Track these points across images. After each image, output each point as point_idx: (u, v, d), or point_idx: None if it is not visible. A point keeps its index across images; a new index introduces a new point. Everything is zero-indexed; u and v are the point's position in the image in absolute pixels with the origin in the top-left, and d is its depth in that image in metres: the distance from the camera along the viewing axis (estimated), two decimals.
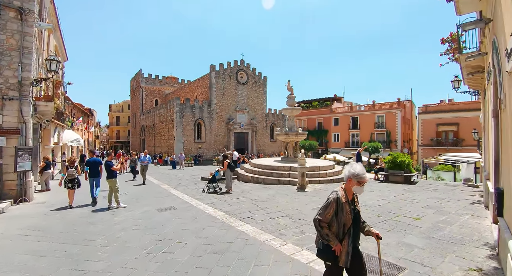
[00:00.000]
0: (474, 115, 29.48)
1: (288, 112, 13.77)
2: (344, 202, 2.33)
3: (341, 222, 2.31)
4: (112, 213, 6.75)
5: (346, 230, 2.32)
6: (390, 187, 10.22)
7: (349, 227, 2.32)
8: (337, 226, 2.32)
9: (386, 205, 7.03)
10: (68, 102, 28.59)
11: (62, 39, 21.52)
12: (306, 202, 7.46)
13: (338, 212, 2.31)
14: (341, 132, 40.78)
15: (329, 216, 2.31)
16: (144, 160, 12.52)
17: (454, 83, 12.76)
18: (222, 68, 32.10)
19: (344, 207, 2.32)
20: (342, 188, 2.45)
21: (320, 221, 2.33)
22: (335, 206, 2.31)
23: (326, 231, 2.31)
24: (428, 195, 8.66)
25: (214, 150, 30.90)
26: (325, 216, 2.31)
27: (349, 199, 2.39)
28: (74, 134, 21.54)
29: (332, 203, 2.32)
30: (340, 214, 2.31)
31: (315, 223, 2.36)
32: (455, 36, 9.54)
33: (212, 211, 6.55)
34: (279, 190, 9.44)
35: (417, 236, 4.71)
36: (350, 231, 2.32)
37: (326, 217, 2.31)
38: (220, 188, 9.49)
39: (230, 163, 9.58)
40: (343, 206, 2.32)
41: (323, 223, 2.32)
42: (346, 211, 2.31)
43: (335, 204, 2.32)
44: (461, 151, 28.66)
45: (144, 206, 7.33)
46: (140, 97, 42.66)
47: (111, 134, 61.62)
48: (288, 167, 11.54)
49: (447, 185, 10.85)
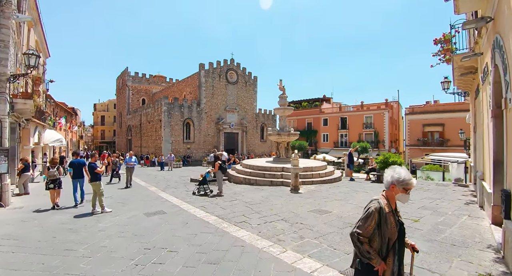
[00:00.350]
0: (459, 116, 30.29)
1: (280, 112, 13.56)
2: (387, 212, 2.01)
3: (385, 236, 1.98)
4: (96, 218, 6.30)
5: (391, 246, 1.99)
6: (383, 187, 10.16)
7: (394, 242, 2.00)
8: (380, 241, 1.99)
9: None
10: (50, 101, 27.38)
11: (44, 34, 20.52)
12: (301, 204, 7.24)
13: (381, 224, 1.98)
14: (330, 133, 41.08)
15: (371, 229, 1.97)
16: (129, 161, 11.50)
17: (444, 84, 12.92)
18: (212, 67, 31.62)
19: (388, 218, 1.99)
20: (384, 196, 2.11)
21: (359, 235, 1.97)
22: (378, 217, 1.97)
23: (367, 248, 1.96)
24: (422, 195, 8.63)
25: (203, 150, 30.37)
26: (366, 229, 1.96)
27: (392, 208, 2.07)
28: (56, 134, 20.58)
29: (374, 214, 1.97)
30: (383, 226, 1.97)
31: (353, 238, 2.00)
32: (448, 36, 9.60)
33: (204, 215, 6.21)
34: (272, 192, 9.19)
35: (420, 239, 4.55)
36: (395, 246, 2.00)
37: (367, 230, 1.96)
38: (211, 190, 9.14)
39: (222, 165, 9.26)
40: (387, 217, 1.99)
41: (363, 238, 1.97)
42: (390, 223, 1.98)
43: (378, 215, 1.97)
44: (447, 151, 29.40)
45: (130, 211, 6.91)
46: (127, 96, 41.50)
47: (96, 134, 59.78)
48: (280, 168, 11.32)
49: (438, 185, 10.92)
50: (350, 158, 12.68)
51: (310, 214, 6.16)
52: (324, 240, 4.46)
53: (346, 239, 4.49)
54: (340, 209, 6.59)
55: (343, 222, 5.48)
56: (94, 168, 6.93)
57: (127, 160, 11.64)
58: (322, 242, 4.35)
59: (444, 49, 10.03)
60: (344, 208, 6.76)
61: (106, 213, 6.73)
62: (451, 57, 10.51)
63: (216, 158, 9.57)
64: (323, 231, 4.92)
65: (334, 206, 6.98)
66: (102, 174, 7.25)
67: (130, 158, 11.64)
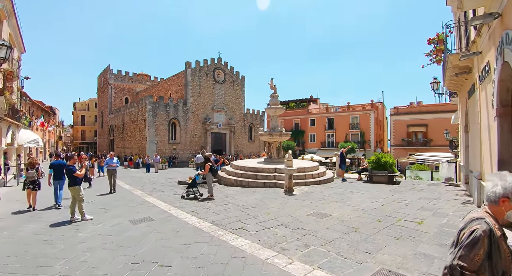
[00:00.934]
0: (442, 116, 31.19)
1: (272, 112, 13.22)
2: (499, 236, 1.50)
3: (498, 269, 1.47)
4: (75, 227, 5.68)
5: None
6: (377, 188, 10.04)
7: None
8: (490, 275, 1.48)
9: (382, 208, 6.68)
10: (26, 99, 25.78)
11: (19, 28, 19.17)
12: (298, 207, 6.91)
13: (492, 253, 1.46)
14: (317, 133, 41.31)
15: (479, 260, 1.45)
16: (111, 162, 10.39)
17: (433, 84, 13.02)
18: (199, 66, 30.90)
19: (501, 245, 1.48)
20: (489, 214, 1.57)
21: (463, 269, 1.45)
22: (488, 244, 1.45)
23: None
24: (417, 195, 8.54)
25: (189, 151, 29.60)
26: (472, 260, 1.45)
27: (503, 230, 1.55)
28: (32, 134, 19.27)
29: (482, 240, 1.45)
30: (495, 256, 1.46)
31: (455, 273, 1.47)
32: (442, 37, 9.60)
33: (197, 221, 5.74)
34: (266, 194, 8.81)
35: (429, 243, 4.31)
36: None
37: (474, 262, 1.45)
38: (201, 194, 8.64)
39: (212, 166, 8.75)
40: (499, 243, 1.48)
41: (469, 274, 1.44)
42: (503, 251, 1.48)
43: (488, 241, 1.45)
44: (430, 150, 30.18)
45: (114, 218, 6.31)
46: (109, 95, 39.91)
47: (75, 135, 57.26)
48: (273, 168, 10.97)
49: (429, 185, 10.93)
50: (342, 158, 12.52)
51: (310, 218, 5.82)
52: (331, 247, 4.12)
53: (354, 246, 4.18)
54: (339, 212, 6.30)
55: (346, 227, 5.17)
56: (73, 171, 6.29)
57: (108, 162, 10.55)
58: (329, 250, 4.01)
59: (437, 49, 10.06)
60: (343, 210, 6.48)
61: (86, 221, 6.11)
62: (442, 57, 10.60)
63: (206, 159, 8.92)
64: (328, 237, 4.59)
65: (333, 208, 6.69)
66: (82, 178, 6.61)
67: (111, 159, 10.52)
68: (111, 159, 10.60)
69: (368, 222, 5.51)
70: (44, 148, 36.16)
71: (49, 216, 6.74)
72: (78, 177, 6.40)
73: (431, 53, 10.34)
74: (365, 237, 4.57)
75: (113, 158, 10.64)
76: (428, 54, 10.33)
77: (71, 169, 6.32)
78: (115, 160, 10.62)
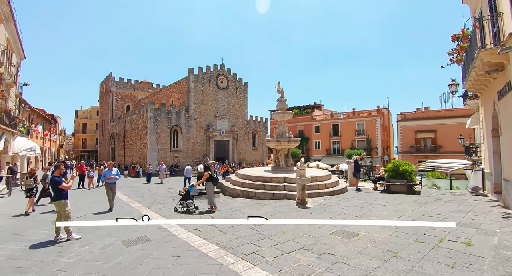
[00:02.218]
0: (451, 122, 30.33)
1: (279, 117, 12.42)
2: None
3: None
4: (58, 250, 4.82)
5: None
6: (398, 199, 9.12)
7: None
8: None
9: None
10: (25, 106, 25.23)
11: (18, 33, 18.77)
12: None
13: None
14: (322, 140, 40.39)
15: None
16: (108, 174, 8.33)
17: (452, 86, 12.19)
18: (201, 72, 30.39)
19: None
20: None
21: None
22: None
23: None
24: (447, 207, 7.61)
25: (192, 159, 28.75)
26: None
27: None
28: (28, 142, 18.53)
29: None
30: None
31: None
32: (467, 33, 8.83)
33: (201, 243, 4.85)
34: (276, 207, 7.92)
35: (494, 273, 3.41)
36: None
37: None
38: (196, 207, 7.81)
39: (212, 175, 7.90)
40: None
41: None
42: None
43: None
44: (440, 157, 29.15)
45: (105, 237, 5.44)
46: (110, 103, 39.43)
47: (77, 143, 56.72)
48: (282, 178, 10.10)
49: (454, 195, 9.98)
50: (356, 166, 11.63)
51: (335, 238, 4.92)
52: None
53: None
54: (367, 230, 5.40)
55: (382, 250, 4.28)
56: (58, 183, 5.46)
57: (106, 174, 8.47)
58: None
59: (460, 46, 9.27)
60: (370, 227, 5.58)
61: (73, 241, 5.25)
62: (464, 57, 9.82)
63: (207, 168, 8.13)
64: (365, 266, 3.70)
65: (357, 225, 5.79)
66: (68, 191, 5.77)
67: (109, 171, 8.45)
68: (110, 170, 8.50)
69: (406, 243, 4.60)
70: (44, 157, 35.50)
71: (32, 233, 5.89)
72: (65, 190, 5.58)
73: (453, 51, 9.58)
74: (412, 266, 3.66)
75: (112, 169, 8.56)
76: (450, 52, 9.56)
77: (56, 180, 5.48)
78: (114, 171, 8.54)
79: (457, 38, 8.78)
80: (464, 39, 8.80)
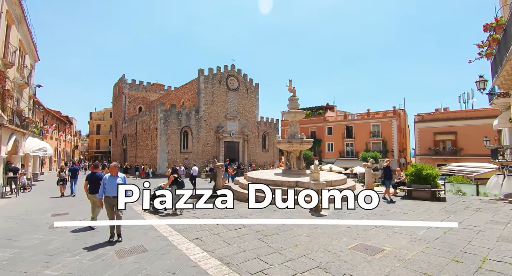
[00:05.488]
0: (473, 123, 28.71)
1: (291, 117, 11.76)
2: None
3: None
4: (46, 259, 4.36)
5: None
6: (422, 206, 8.28)
7: None
8: None
9: (447, 238, 5.00)
10: (39, 107, 25.67)
11: (31, 35, 19.00)
12: (333, 234, 5.33)
13: None
14: (335, 142, 39.27)
15: None
16: (113, 183, 5.34)
17: (479, 83, 11.23)
18: (212, 73, 30.10)
19: None
20: None
21: None
22: None
23: None
24: (480, 217, 6.75)
25: (202, 160, 28.43)
26: None
27: None
28: (40, 142, 18.64)
29: None
30: None
31: None
32: (502, 21, 7.95)
33: (201, 256, 4.28)
34: (287, 214, 7.27)
35: None
36: None
37: None
38: (165, 208, 7.71)
39: (178, 179, 7.95)
40: None
41: None
42: None
43: None
44: (460, 160, 27.60)
45: (99, 245, 4.96)
46: (123, 104, 39.84)
47: (91, 144, 57.79)
48: (294, 182, 9.43)
49: (485, 202, 9.02)
50: (387, 173, 9.81)
51: (356, 254, 4.24)
52: None
53: None
54: (392, 244, 4.68)
55: (415, 272, 3.57)
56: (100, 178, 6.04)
57: (106, 182, 5.44)
58: None
59: (493, 37, 8.37)
60: (396, 241, 4.86)
61: (68, 248, 4.81)
62: (494, 51, 8.89)
63: (174, 170, 8.33)
64: None
65: (380, 237, 5.07)
66: None
67: (113, 178, 5.42)
68: (114, 177, 5.44)
69: (442, 263, 3.87)
70: (59, 157, 36.10)
71: (26, 239, 5.51)
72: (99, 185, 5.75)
73: (483, 43, 8.67)
74: None
75: (117, 175, 5.50)
76: (480, 45, 8.67)
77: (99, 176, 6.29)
78: (120, 179, 5.49)
79: (490, 27, 7.89)
80: (498, 29, 7.91)
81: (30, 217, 7.89)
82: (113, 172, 5.53)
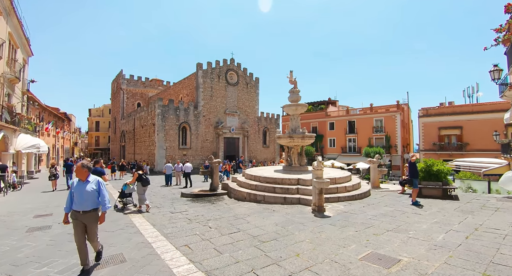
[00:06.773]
0: (479, 117, 27.91)
1: (292, 110, 11.06)
2: None
3: None
4: (14, 266, 3.75)
5: None
6: (435, 205, 7.63)
7: None
8: None
9: (471, 245, 4.35)
10: (35, 104, 25.03)
11: (22, 28, 18.31)
12: (340, 240, 4.69)
13: None
14: (337, 137, 38.55)
15: None
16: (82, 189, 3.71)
17: (493, 73, 10.50)
18: (210, 67, 29.31)
19: None
20: None
21: None
22: None
23: None
24: (500, 218, 6.10)
25: (201, 157, 27.82)
26: None
27: None
28: (32, 139, 18.02)
29: None
30: None
31: None
32: None
33: (186, 268, 3.65)
34: (288, 215, 6.64)
35: None
36: None
37: None
38: (134, 205, 8.03)
39: (142, 176, 7.66)
40: None
41: None
42: None
43: None
44: (466, 155, 26.90)
45: (73, 253, 4.33)
46: (121, 100, 39.17)
47: (90, 141, 57.30)
48: (295, 179, 8.78)
49: (501, 201, 8.35)
50: (412, 170, 8.33)
51: (368, 266, 3.60)
52: None
53: None
54: (409, 253, 4.04)
55: None
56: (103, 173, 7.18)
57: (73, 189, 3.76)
58: None
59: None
60: (413, 249, 4.21)
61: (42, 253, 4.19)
62: None
63: (138, 167, 8.09)
64: None
65: (394, 244, 4.43)
66: None
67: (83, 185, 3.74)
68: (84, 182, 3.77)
69: (469, 275, 3.23)
70: (57, 154, 35.56)
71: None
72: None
73: (501, 27, 7.91)
74: None
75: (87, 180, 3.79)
76: (499, 29, 7.91)
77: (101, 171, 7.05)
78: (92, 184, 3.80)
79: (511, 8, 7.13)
80: None
81: (10, 218, 7.30)
82: (82, 175, 3.77)
